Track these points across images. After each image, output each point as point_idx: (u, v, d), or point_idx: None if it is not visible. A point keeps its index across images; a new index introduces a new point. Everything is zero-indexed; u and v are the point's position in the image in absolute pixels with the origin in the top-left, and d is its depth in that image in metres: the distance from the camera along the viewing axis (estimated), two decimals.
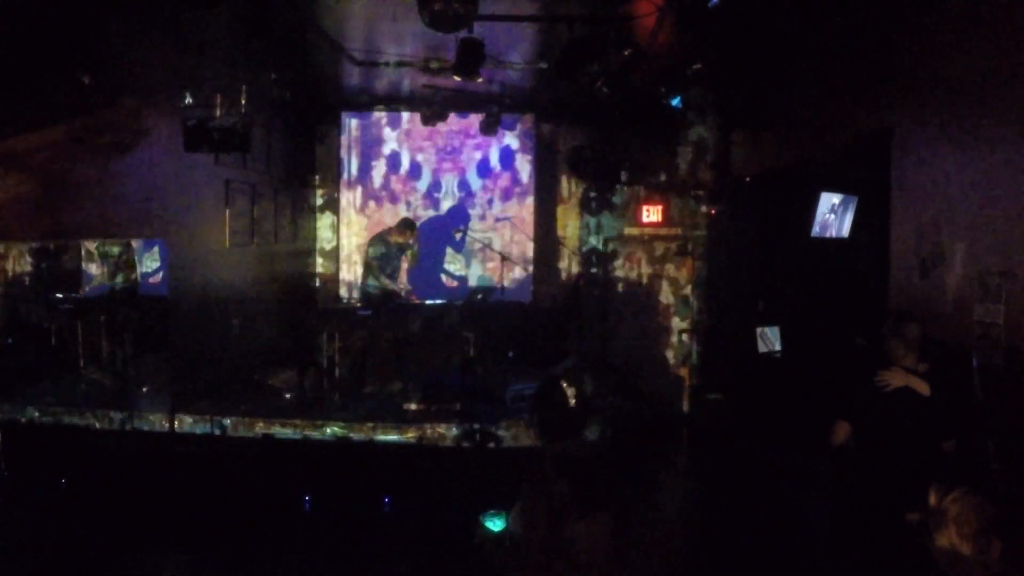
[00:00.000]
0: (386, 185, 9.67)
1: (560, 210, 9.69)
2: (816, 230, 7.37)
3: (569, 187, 9.62)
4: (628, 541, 2.70)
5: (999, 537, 1.42)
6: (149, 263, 8.70)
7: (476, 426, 6.31)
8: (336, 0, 5.86)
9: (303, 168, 9.62)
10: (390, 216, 9.61)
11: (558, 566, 2.62)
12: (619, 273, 9.46)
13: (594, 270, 9.47)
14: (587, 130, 9.41)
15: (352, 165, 9.66)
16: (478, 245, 9.43)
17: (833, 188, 7.30)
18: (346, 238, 9.73)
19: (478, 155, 9.57)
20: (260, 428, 6.41)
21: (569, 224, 9.69)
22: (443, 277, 9.60)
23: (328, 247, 9.90)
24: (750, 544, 5.29)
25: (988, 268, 3.97)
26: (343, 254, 9.75)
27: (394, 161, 9.64)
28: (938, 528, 1.48)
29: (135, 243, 8.49)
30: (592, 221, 9.47)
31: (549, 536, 2.61)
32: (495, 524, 2.75)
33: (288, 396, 7.16)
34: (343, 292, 9.73)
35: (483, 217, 9.59)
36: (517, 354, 8.38)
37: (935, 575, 1.46)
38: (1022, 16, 3.78)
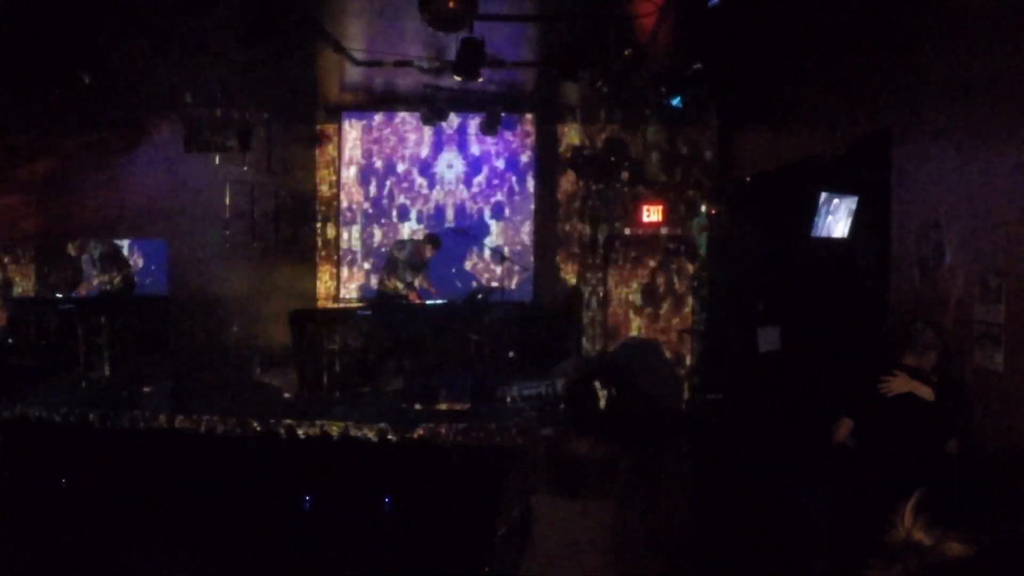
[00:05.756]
0: (386, 185, 9.67)
1: (560, 210, 9.69)
2: (819, 231, 7.36)
3: (569, 187, 9.62)
4: (630, 539, 2.72)
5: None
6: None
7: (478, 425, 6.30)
8: (336, 0, 5.87)
9: (303, 168, 9.61)
10: (389, 216, 9.62)
11: (565, 560, 2.65)
12: (619, 273, 9.45)
13: (594, 270, 9.47)
14: (587, 130, 9.41)
15: (352, 165, 9.66)
16: (486, 249, 9.43)
17: (833, 188, 7.30)
18: (346, 238, 9.72)
19: (478, 155, 9.57)
20: (260, 428, 6.40)
21: (569, 224, 9.69)
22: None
23: (327, 247, 9.90)
24: (750, 543, 5.29)
25: (988, 268, 3.97)
26: (343, 254, 9.74)
27: (393, 161, 9.63)
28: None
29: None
30: (592, 221, 9.47)
31: (559, 530, 2.66)
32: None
33: (288, 396, 7.15)
34: (343, 292, 9.73)
35: (483, 217, 9.59)
36: (517, 354, 8.37)
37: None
38: (1020, 17, 3.78)
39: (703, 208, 9.02)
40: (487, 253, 9.43)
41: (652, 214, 9.28)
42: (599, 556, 2.65)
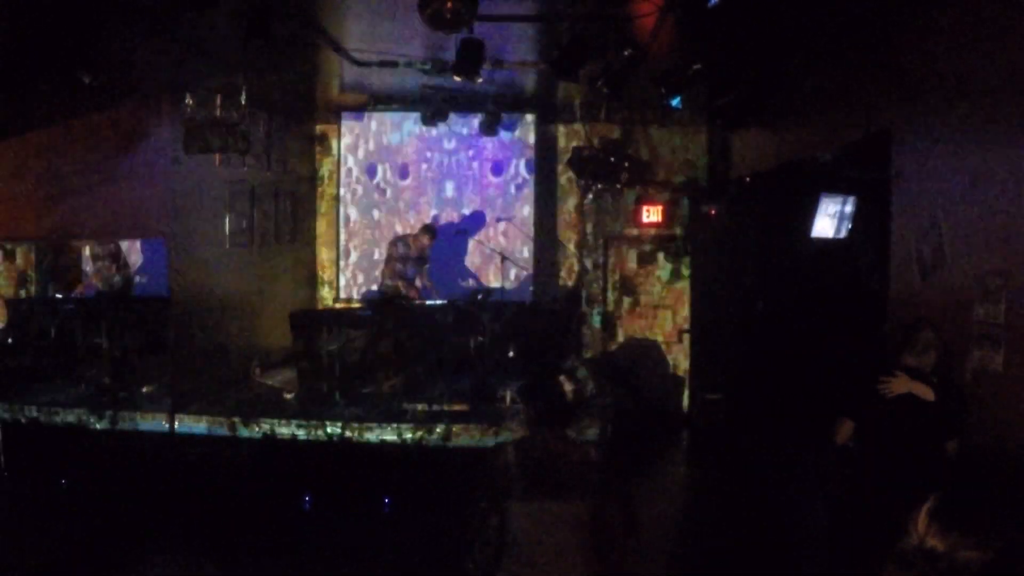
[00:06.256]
0: (386, 185, 9.67)
1: (560, 210, 9.69)
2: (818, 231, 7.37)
3: (569, 187, 9.61)
4: (627, 539, 2.71)
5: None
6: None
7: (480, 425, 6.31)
8: (336, 0, 5.87)
9: (303, 169, 9.62)
10: (390, 216, 9.62)
11: (550, 561, 2.64)
12: (619, 273, 9.45)
13: (594, 270, 9.47)
14: (587, 130, 9.40)
15: (352, 165, 9.66)
16: (486, 249, 9.42)
17: (832, 188, 7.30)
18: (345, 238, 9.72)
19: (478, 155, 9.57)
20: (260, 428, 6.40)
21: (569, 224, 9.69)
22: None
23: (328, 247, 9.90)
24: (750, 543, 5.30)
25: (988, 268, 3.97)
26: (343, 254, 9.74)
27: (393, 161, 9.63)
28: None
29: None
30: (592, 221, 9.47)
31: (538, 534, 2.64)
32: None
33: (288, 396, 7.15)
34: (343, 292, 9.73)
35: (484, 217, 9.59)
36: (517, 354, 8.38)
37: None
38: (1020, 16, 3.78)
39: (702, 208, 9.02)
40: (487, 252, 9.43)
41: (652, 214, 9.28)
42: (580, 558, 2.64)
